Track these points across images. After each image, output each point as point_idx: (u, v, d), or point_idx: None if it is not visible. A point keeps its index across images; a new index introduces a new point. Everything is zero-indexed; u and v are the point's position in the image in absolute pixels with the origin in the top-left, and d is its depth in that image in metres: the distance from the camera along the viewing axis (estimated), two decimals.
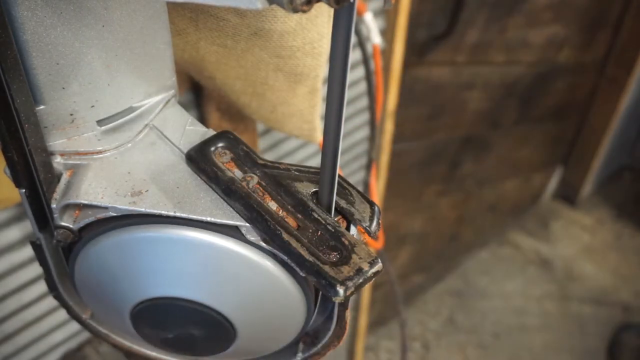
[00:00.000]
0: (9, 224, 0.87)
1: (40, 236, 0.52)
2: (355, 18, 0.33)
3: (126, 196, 0.46)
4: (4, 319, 0.95)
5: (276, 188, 0.46)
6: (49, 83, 0.45)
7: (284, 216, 0.44)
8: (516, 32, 1.68)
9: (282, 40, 0.68)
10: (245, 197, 0.44)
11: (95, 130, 0.50)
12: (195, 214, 0.45)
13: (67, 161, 0.49)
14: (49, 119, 0.47)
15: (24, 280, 0.93)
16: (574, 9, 1.78)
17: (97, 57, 0.46)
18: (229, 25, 0.66)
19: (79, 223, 0.48)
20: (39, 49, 0.43)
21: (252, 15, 0.64)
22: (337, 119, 0.38)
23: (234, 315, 0.48)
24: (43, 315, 1.00)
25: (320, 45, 0.71)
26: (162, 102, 0.53)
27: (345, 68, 0.35)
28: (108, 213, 0.46)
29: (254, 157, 0.48)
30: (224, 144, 0.48)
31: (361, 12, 1.06)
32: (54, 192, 0.48)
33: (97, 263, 0.50)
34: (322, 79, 0.77)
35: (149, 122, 0.52)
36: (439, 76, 1.65)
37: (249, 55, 0.70)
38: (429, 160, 1.86)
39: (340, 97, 0.37)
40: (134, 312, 0.50)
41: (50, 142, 0.49)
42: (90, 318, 0.61)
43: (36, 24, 0.42)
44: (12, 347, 0.98)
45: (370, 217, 0.45)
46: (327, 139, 0.40)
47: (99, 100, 0.48)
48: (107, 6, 0.44)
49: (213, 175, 0.46)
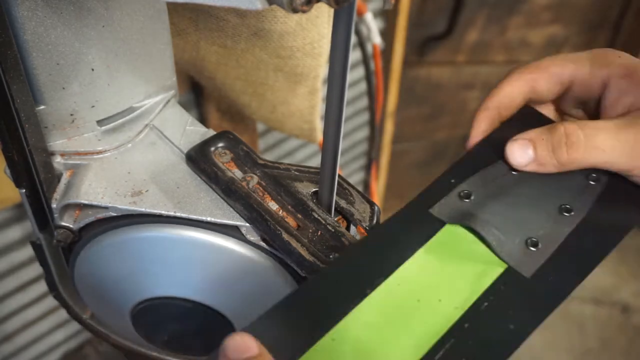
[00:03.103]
0: (9, 224, 0.87)
1: (41, 236, 0.52)
2: (355, 18, 0.33)
3: (126, 196, 0.46)
4: (4, 319, 0.95)
5: (276, 188, 0.46)
6: (49, 83, 0.45)
7: (284, 216, 0.44)
8: (516, 32, 1.68)
9: (282, 40, 0.68)
10: (245, 197, 0.44)
11: (96, 130, 0.50)
12: (195, 214, 0.45)
13: (67, 161, 0.49)
14: (49, 119, 0.47)
15: (24, 280, 0.93)
16: (574, 9, 1.78)
17: (97, 57, 0.46)
18: (229, 26, 0.66)
19: (79, 223, 0.48)
20: (39, 49, 0.43)
21: (252, 16, 0.64)
22: (337, 119, 0.38)
23: (234, 315, 0.48)
24: (43, 315, 1.00)
25: (320, 46, 0.71)
26: (162, 102, 0.53)
27: (345, 68, 0.35)
28: (108, 213, 0.46)
29: (254, 157, 0.48)
30: (224, 144, 0.48)
31: (361, 12, 1.06)
32: (54, 192, 0.48)
33: (98, 263, 0.50)
34: (322, 79, 0.77)
35: (149, 122, 0.52)
36: (439, 76, 1.65)
37: (249, 56, 0.70)
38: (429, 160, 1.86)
39: (340, 97, 0.37)
40: (134, 312, 0.50)
41: (51, 142, 0.49)
42: (90, 318, 0.61)
43: (36, 24, 0.42)
44: (12, 347, 0.98)
45: (370, 217, 0.45)
46: (327, 139, 0.40)
47: (99, 100, 0.48)
48: (107, 6, 0.44)
49: (213, 175, 0.46)
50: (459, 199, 0.42)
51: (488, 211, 0.41)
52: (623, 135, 0.41)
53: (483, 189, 0.42)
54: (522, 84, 0.46)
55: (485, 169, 0.44)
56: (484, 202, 0.42)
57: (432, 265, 0.38)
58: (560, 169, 0.42)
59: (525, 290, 0.37)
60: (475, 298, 0.37)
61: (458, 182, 0.43)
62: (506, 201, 0.42)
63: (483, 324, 0.36)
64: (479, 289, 0.37)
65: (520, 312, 0.36)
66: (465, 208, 0.41)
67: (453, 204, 0.42)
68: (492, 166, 0.44)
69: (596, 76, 0.45)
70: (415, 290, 0.37)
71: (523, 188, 0.42)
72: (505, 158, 0.43)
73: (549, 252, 0.39)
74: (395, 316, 0.36)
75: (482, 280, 0.38)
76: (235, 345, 0.32)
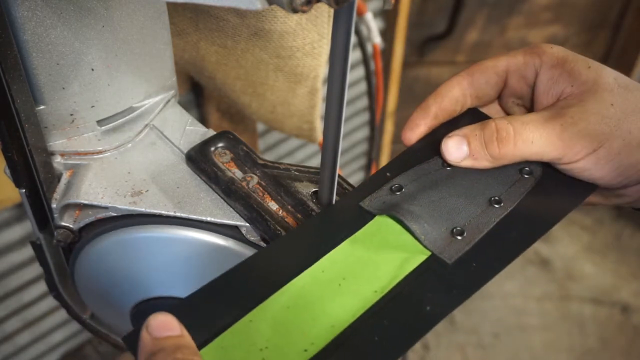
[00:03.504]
0: (9, 224, 0.87)
1: (41, 236, 0.52)
2: (355, 18, 0.33)
3: (126, 196, 0.46)
4: (4, 319, 0.95)
5: (276, 188, 0.46)
6: (49, 83, 0.45)
7: (284, 216, 0.44)
8: (516, 32, 1.68)
9: (282, 40, 0.68)
10: (245, 197, 0.44)
11: (96, 130, 0.50)
12: (196, 214, 0.45)
13: (67, 161, 0.49)
14: (49, 119, 0.47)
15: (24, 280, 0.93)
16: (574, 9, 1.78)
17: (97, 57, 0.46)
18: (229, 26, 0.66)
19: (79, 223, 0.48)
20: (39, 49, 0.43)
21: (252, 16, 0.64)
22: (337, 119, 0.38)
23: None
24: (43, 315, 1.00)
25: (320, 46, 0.71)
26: (162, 102, 0.53)
27: (345, 68, 0.35)
28: (108, 213, 0.46)
29: (254, 157, 0.48)
30: (224, 144, 0.48)
31: (361, 12, 1.06)
32: (54, 192, 0.48)
33: (98, 263, 0.50)
34: (322, 79, 0.77)
35: (149, 122, 0.52)
36: (438, 76, 1.65)
37: (249, 56, 0.70)
38: None
39: (340, 97, 0.37)
40: (134, 312, 0.50)
41: (51, 142, 0.49)
42: (90, 318, 0.61)
43: (36, 24, 0.42)
44: (12, 347, 0.98)
45: None
46: (327, 139, 0.40)
47: (99, 101, 0.48)
48: (107, 6, 0.44)
49: (213, 175, 0.46)
50: (390, 192, 0.43)
51: (417, 203, 0.42)
52: (550, 125, 0.42)
53: (416, 182, 0.44)
54: (460, 79, 0.47)
55: (421, 165, 0.45)
56: (415, 194, 0.43)
57: (357, 253, 0.40)
58: (494, 164, 0.44)
59: (445, 276, 0.39)
60: (395, 283, 0.38)
61: (392, 176, 0.44)
62: (437, 194, 0.43)
63: (399, 306, 0.37)
64: (400, 275, 0.39)
65: (437, 296, 0.37)
66: (395, 200, 0.43)
67: (384, 197, 0.43)
68: (427, 162, 0.45)
69: (529, 64, 0.46)
70: (337, 276, 0.39)
71: (455, 182, 0.44)
72: (442, 154, 0.45)
73: (473, 240, 0.40)
74: (314, 299, 0.37)
75: (404, 267, 0.39)
76: (158, 324, 0.34)
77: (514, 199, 0.43)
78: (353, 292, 0.38)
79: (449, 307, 0.37)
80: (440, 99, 0.47)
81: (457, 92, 0.47)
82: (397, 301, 0.37)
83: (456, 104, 0.47)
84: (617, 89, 0.43)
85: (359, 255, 0.40)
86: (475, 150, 0.44)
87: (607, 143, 0.41)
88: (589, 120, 0.42)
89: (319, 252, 0.40)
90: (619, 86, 0.43)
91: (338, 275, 0.39)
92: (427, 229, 0.40)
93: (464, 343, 1.93)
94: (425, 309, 0.37)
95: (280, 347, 0.35)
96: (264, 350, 0.35)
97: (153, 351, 0.32)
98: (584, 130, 0.42)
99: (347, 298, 0.37)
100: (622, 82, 0.43)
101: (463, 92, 0.47)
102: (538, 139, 0.42)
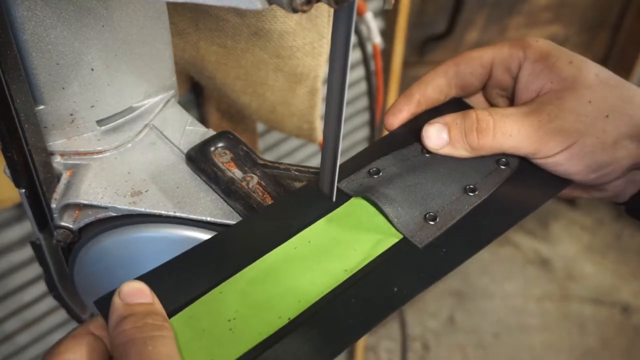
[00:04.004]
0: (9, 224, 0.87)
1: (40, 236, 0.52)
2: (355, 18, 0.33)
3: (126, 196, 0.46)
4: (3, 319, 0.94)
5: (276, 188, 0.46)
6: (49, 83, 0.45)
7: None
8: (516, 32, 1.68)
9: (282, 40, 0.68)
10: (245, 197, 0.44)
11: (95, 130, 0.50)
12: (195, 214, 0.45)
13: (67, 161, 0.49)
14: (49, 119, 0.47)
15: (24, 280, 0.93)
16: (574, 9, 1.78)
17: (97, 57, 0.46)
18: (229, 25, 0.66)
19: (78, 223, 0.48)
20: (39, 49, 0.43)
21: (252, 16, 0.64)
22: (337, 119, 0.38)
23: None
24: (43, 316, 1.00)
25: (320, 46, 0.71)
26: (162, 102, 0.53)
27: (345, 68, 0.35)
28: (108, 213, 0.46)
29: (254, 157, 0.48)
30: (224, 144, 0.48)
31: (361, 12, 1.06)
32: (53, 192, 0.48)
33: (97, 263, 0.50)
34: (322, 79, 0.77)
35: (149, 122, 0.52)
36: None
37: (249, 55, 0.70)
38: None
39: (340, 97, 0.37)
40: None
41: (50, 142, 0.49)
42: (90, 318, 0.61)
43: (36, 24, 0.42)
44: (12, 347, 0.98)
45: None
46: (327, 139, 0.40)
47: (99, 100, 0.48)
48: (107, 6, 0.44)
49: (213, 175, 0.46)
50: (368, 175, 0.44)
51: (392, 186, 0.43)
52: (528, 121, 0.43)
53: (394, 167, 0.45)
54: (445, 68, 0.48)
55: (400, 150, 0.46)
56: (391, 178, 0.43)
57: (331, 233, 0.41)
58: (472, 154, 0.44)
59: (415, 259, 0.39)
60: (365, 263, 0.39)
61: (371, 160, 0.45)
62: (413, 179, 0.43)
63: (368, 285, 0.38)
64: (371, 256, 0.39)
65: (405, 278, 0.38)
66: (372, 183, 0.43)
67: (361, 180, 0.44)
68: (407, 147, 0.46)
69: (514, 57, 0.47)
70: (309, 254, 0.39)
71: (433, 168, 0.44)
72: (422, 140, 0.45)
73: (445, 226, 0.41)
74: (285, 275, 0.38)
75: (375, 248, 0.40)
76: (130, 290, 0.35)
77: (488, 188, 0.44)
78: (323, 270, 0.39)
79: (416, 289, 0.38)
80: (424, 86, 0.48)
81: (441, 81, 0.48)
82: (365, 281, 0.38)
83: (440, 92, 0.48)
84: (596, 86, 0.43)
85: (332, 235, 0.41)
86: (455, 138, 0.44)
87: (580, 140, 0.42)
88: (565, 119, 0.42)
89: (293, 229, 0.41)
90: (600, 82, 0.43)
91: (310, 253, 0.39)
92: (401, 213, 0.41)
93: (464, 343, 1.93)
94: (392, 290, 0.38)
95: (247, 319, 0.36)
96: (231, 320, 0.36)
97: (124, 315, 0.33)
98: (559, 127, 0.42)
99: (317, 275, 0.38)
100: (604, 77, 0.44)
101: (448, 82, 0.48)
102: (516, 133, 0.43)
